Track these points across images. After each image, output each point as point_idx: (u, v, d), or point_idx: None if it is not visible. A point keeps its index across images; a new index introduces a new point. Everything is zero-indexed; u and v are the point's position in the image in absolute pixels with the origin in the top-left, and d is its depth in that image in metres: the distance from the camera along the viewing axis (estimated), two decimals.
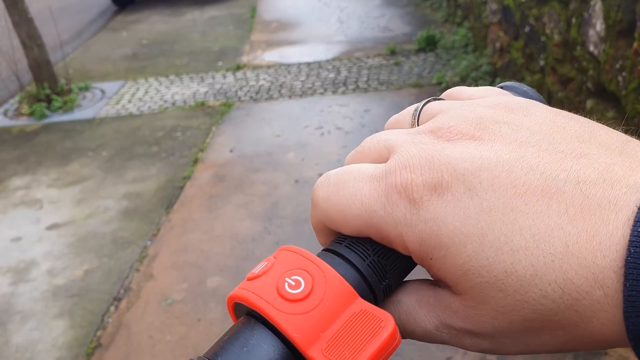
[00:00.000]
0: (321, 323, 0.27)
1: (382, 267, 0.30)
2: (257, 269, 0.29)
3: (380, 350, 0.26)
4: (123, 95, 4.61)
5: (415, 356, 1.98)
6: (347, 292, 0.28)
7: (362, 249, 0.30)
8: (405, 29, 5.41)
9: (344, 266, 0.30)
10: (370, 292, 0.30)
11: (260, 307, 0.27)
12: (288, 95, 4.26)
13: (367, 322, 0.27)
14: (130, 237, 2.77)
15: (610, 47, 2.27)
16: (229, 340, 0.28)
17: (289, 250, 0.30)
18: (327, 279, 0.28)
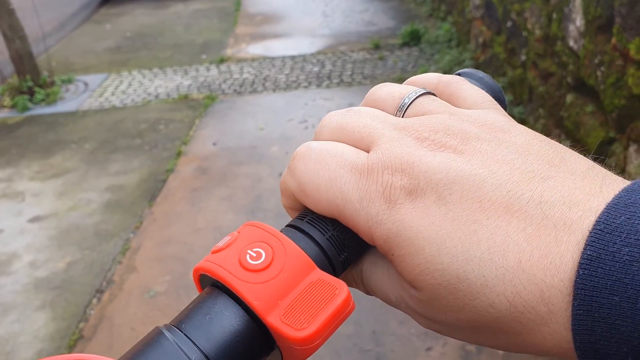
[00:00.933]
0: (280, 291, 0.29)
1: (341, 242, 0.32)
2: (221, 243, 0.31)
3: (334, 315, 0.28)
4: (106, 88, 4.59)
5: (395, 346, 2.00)
6: (305, 263, 0.30)
7: (323, 224, 0.32)
8: (389, 24, 5.43)
9: (304, 240, 0.32)
10: (329, 264, 0.32)
11: (223, 276, 0.29)
12: (272, 88, 4.27)
13: (323, 290, 0.29)
14: (113, 230, 2.77)
15: (589, 43, 2.30)
16: (193, 309, 0.29)
17: (253, 225, 0.32)
18: (287, 251, 0.30)
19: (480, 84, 0.38)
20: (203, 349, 0.28)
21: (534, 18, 2.88)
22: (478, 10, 3.88)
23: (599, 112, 2.30)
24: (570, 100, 2.51)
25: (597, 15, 2.22)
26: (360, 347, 2.01)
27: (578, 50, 2.42)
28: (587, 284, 0.23)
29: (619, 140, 2.15)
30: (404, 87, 0.34)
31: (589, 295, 0.23)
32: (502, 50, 3.42)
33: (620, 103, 2.08)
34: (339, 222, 0.32)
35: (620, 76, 2.07)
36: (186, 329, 0.28)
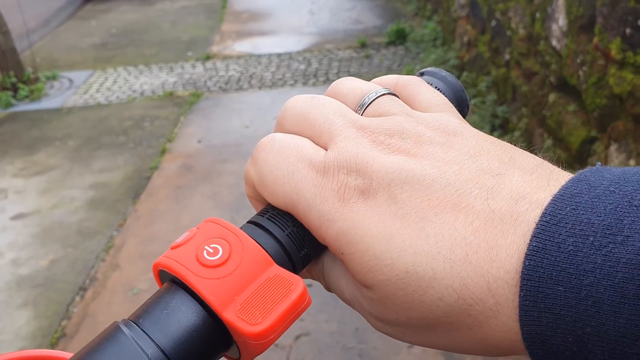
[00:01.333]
0: (236, 287, 0.29)
1: (301, 238, 0.32)
2: (180, 239, 0.32)
3: (289, 310, 0.29)
4: (91, 84, 4.56)
5: (378, 344, 2.01)
6: (262, 259, 0.30)
7: (283, 221, 0.32)
8: (375, 22, 5.44)
9: (264, 236, 0.32)
10: (289, 260, 0.32)
11: (180, 272, 0.29)
12: (258, 86, 4.26)
13: (279, 285, 0.30)
14: (97, 227, 2.76)
15: (571, 42, 2.32)
16: (151, 304, 0.30)
17: (212, 222, 0.32)
18: (245, 247, 0.31)
19: (442, 83, 0.39)
20: (159, 344, 0.28)
21: (518, 17, 2.91)
22: (463, 10, 3.90)
23: (581, 112, 2.32)
24: (552, 100, 2.53)
25: (579, 15, 2.24)
26: (343, 345, 2.02)
27: (561, 49, 2.44)
28: (533, 275, 0.24)
29: (600, 139, 2.17)
30: (366, 85, 0.35)
31: (534, 286, 0.24)
32: (487, 50, 3.44)
33: (602, 102, 2.10)
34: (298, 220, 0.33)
35: (602, 76, 2.09)
36: (143, 324, 0.29)
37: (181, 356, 0.28)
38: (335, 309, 2.16)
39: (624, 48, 1.92)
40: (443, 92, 0.38)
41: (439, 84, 0.39)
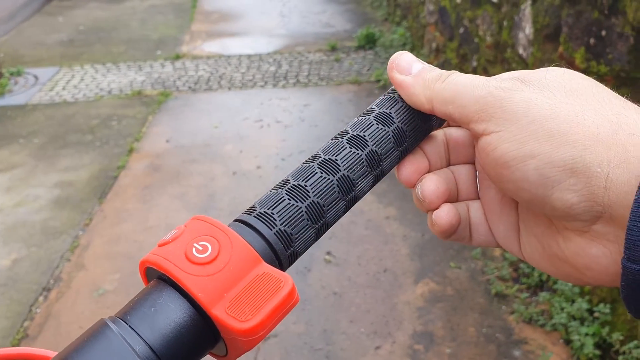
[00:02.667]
0: (225, 284, 0.30)
1: (288, 236, 0.33)
2: (168, 236, 0.32)
3: (278, 307, 0.30)
4: (57, 81, 4.49)
5: (345, 345, 2.03)
6: (251, 256, 0.31)
7: (269, 219, 0.33)
8: (345, 26, 5.47)
9: (251, 234, 0.33)
10: (276, 258, 0.33)
11: (168, 269, 0.30)
12: (228, 86, 4.24)
13: (268, 283, 0.30)
14: (62, 227, 2.71)
15: (537, 50, 2.38)
16: (139, 301, 0.30)
17: (200, 219, 0.32)
18: (233, 245, 0.31)
19: None
20: (147, 341, 0.28)
21: (486, 25, 2.96)
22: (432, 16, 3.95)
23: None
24: None
25: (545, 24, 2.30)
26: (310, 346, 2.03)
27: (527, 57, 2.49)
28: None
29: None
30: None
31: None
32: (454, 56, 3.49)
33: None
34: (288, 213, 0.34)
35: None
36: (131, 320, 0.29)
37: (169, 353, 0.29)
38: (303, 310, 2.17)
39: (588, 57, 1.97)
40: None
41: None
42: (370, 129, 0.38)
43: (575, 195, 0.31)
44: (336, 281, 2.31)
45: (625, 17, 1.75)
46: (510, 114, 0.33)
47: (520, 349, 1.97)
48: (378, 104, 0.40)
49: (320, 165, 0.36)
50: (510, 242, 0.40)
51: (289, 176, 0.37)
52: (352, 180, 0.37)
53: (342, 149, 0.37)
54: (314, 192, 0.35)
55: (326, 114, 3.71)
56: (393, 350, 2.00)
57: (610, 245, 0.32)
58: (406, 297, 2.22)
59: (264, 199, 0.35)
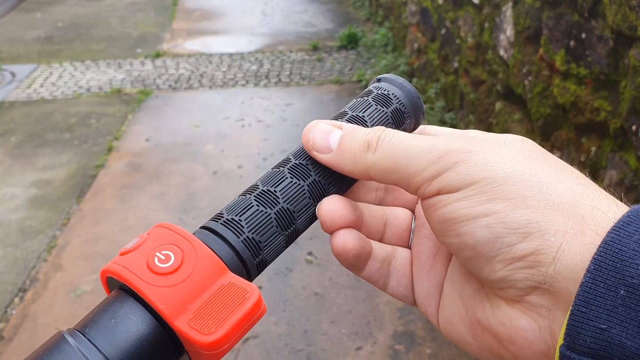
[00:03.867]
0: (189, 295, 0.29)
1: (257, 244, 0.32)
2: (130, 244, 0.31)
3: (243, 319, 0.28)
4: (35, 79, 4.42)
5: (326, 346, 2.02)
6: (216, 266, 0.30)
7: (237, 226, 0.32)
8: (328, 26, 5.47)
9: (218, 242, 0.32)
10: (243, 267, 0.32)
11: (129, 279, 0.29)
12: (209, 85, 4.22)
13: (234, 293, 0.29)
14: (39, 226, 2.67)
15: (518, 52, 2.39)
16: (98, 313, 0.29)
17: (163, 227, 0.31)
18: (197, 254, 0.30)
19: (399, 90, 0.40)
20: (107, 355, 0.27)
21: (467, 27, 2.97)
22: (414, 17, 3.96)
23: (526, 120, 2.39)
24: (499, 108, 2.60)
25: (526, 26, 2.31)
26: (291, 347, 2.02)
27: (508, 59, 2.51)
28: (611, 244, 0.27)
29: (544, 148, 2.23)
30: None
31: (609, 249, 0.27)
32: (436, 57, 3.50)
33: (546, 112, 2.17)
34: (256, 219, 0.33)
35: (547, 86, 2.16)
36: (90, 333, 0.28)
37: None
38: (284, 311, 2.16)
39: (568, 60, 1.99)
40: (400, 98, 0.39)
41: (396, 91, 0.40)
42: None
43: (521, 261, 0.29)
44: (317, 282, 2.30)
45: (604, 20, 1.77)
46: (466, 177, 0.31)
47: None
48: (351, 107, 0.39)
49: (291, 170, 0.35)
50: (429, 302, 0.38)
51: (258, 181, 0.35)
52: (324, 185, 0.36)
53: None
54: (283, 198, 0.34)
55: (308, 114, 3.70)
56: (374, 351, 2.00)
57: (540, 320, 0.30)
58: (387, 297, 2.22)
59: (231, 205, 0.34)
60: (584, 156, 1.94)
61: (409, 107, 0.39)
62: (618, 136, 1.75)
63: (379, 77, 0.41)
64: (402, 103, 0.39)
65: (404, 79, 0.40)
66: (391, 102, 0.39)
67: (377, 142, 0.34)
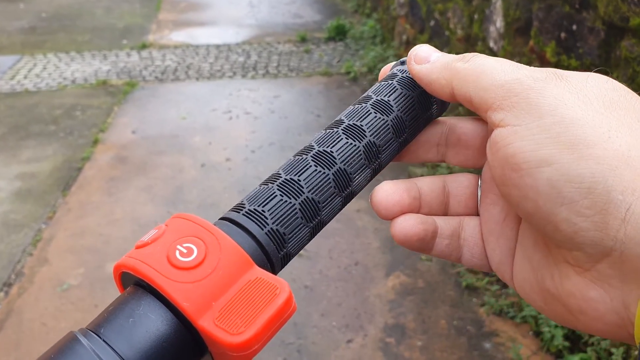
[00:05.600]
0: (214, 291, 0.26)
1: (281, 236, 0.30)
2: (147, 237, 0.28)
3: (274, 317, 0.26)
4: (19, 70, 4.35)
5: (317, 339, 2.01)
6: (242, 260, 0.28)
7: (260, 217, 0.30)
8: (315, 17, 5.43)
9: (241, 234, 0.29)
10: (267, 261, 0.30)
11: (148, 274, 0.26)
12: (196, 77, 4.17)
13: (262, 290, 0.27)
14: (24, 220, 2.63)
15: (508, 44, 2.38)
16: (114, 311, 0.26)
17: (183, 218, 0.29)
18: (222, 247, 0.28)
19: None
20: (124, 357, 0.25)
21: (456, 18, 2.96)
22: (402, 9, 3.94)
23: None
24: None
25: (516, 18, 2.30)
26: (281, 340, 2.00)
27: (498, 51, 2.50)
28: None
29: None
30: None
31: None
32: None
33: None
34: (280, 210, 0.31)
35: None
36: (105, 333, 0.25)
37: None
38: None
39: (559, 52, 1.98)
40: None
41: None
42: (368, 117, 0.35)
43: (586, 220, 0.27)
44: (307, 274, 2.29)
45: (596, 12, 1.76)
46: (534, 108, 0.29)
47: (491, 341, 1.98)
48: (375, 91, 0.37)
49: (314, 157, 0.33)
50: (504, 269, 0.36)
51: (280, 170, 0.33)
52: (349, 174, 0.34)
53: (337, 140, 0.34)
54: (308, 188, 0.32)
55: (296, 106, 3.67)
56: (365, 344, 1.99)
57: (612, 291, 0.27)
58: (377, 290, 2.21)
59: (253, 195, 0.32)
60: None
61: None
62: None
63: (402, 60, 0.39)
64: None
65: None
66: (417, 85, 0.37)
67: (471, 57, 0.34)
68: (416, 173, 2.86)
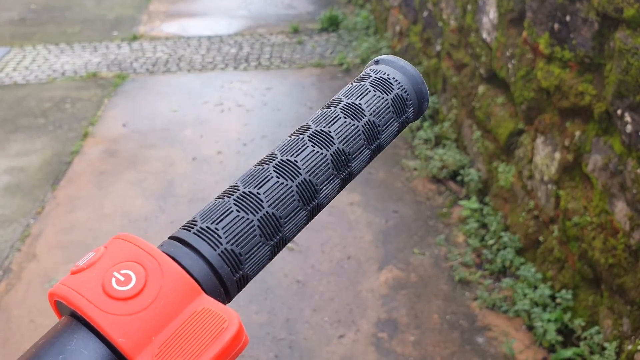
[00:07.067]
0: (154, 325, 0.24)
1: (237, 257, 0.27)
2: (83, 261, 0.26)
3: (221, 354, 0.24)
4: (7, 62, 4.30)
5: (308, 334, 1.99)
6: (188, 287, 0.25)
7: (213, 236, 0.27)
8: (308, 8, 5.39)
9: (190, 256, 0.27)
10: (221, 285, 0.27)
11: (80, 306, 0.24)
12: (187, 69, 4.13)
13: (209, 322, 0.24)
14: (12, 215, 2.60)
15: (501, 35, 2.36)
16: (44, 346, 0.24)
17: (124, 239, 0.26)
18: (164, 273, 0.25)
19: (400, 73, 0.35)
20: None
21: (450, 9, 2.93)
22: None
23: (509, 104, 2.36)
24: (482, 92, 2.57)
25: (509, 8, 2.27)
26: (273, 336, 1.98)
27: (491, 42, 2.47)
28: None
29: (527, 132, 2.21)
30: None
31: None
32: (418, 40, 3.46)
33: (530, 96, 2.14)
34: (236, 227, 0.28)
35: (530, 69, 2.13)
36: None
37: None
38: (265, 300, 2.12)
39: (552, 43, 1.95)
40: (401, 83, 0.35)
41: (397, 75, 0.35)
42: (337, 123, 0.33)
43: None
44: (299, 269, 2.27)
45: (589, 2, 1.73)
46: None
47: (484, 336, 1.97)
48: (346, 94, 0.34)
49: (276, 167, 0.31)
50: None
51: (238, 181, 0.30)
52: (315, 185, 0.31)
53: (303, 148, 0.31)
54: (268, 202, 0.29)
55: (289, 98, 3.64)
56: (357, 339, 1.97)
57: None
58: (370, 284, 2.20)
59: (206, 210, 0.29)
60: (568, 141, 1.91)
61: (411, 94, 0.35)
62: (603, 120, 1.73)
63: (377, 59, 0.37)
64: (404, 89, 0.35)
65: (406, 61, 0.36)
66: (392, 87, 0.34)
67: None
68: (409, 166, 2.84)
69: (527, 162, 2.21)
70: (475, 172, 2.57)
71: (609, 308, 1.71)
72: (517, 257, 2.19)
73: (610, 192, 1.69)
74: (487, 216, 2.41)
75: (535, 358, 1.86)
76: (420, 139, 2.99)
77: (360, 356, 1.91)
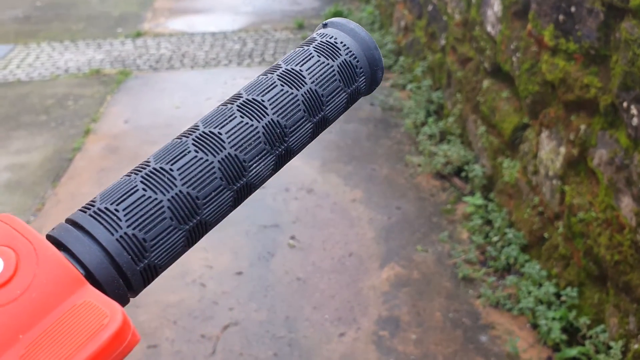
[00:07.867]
0: (22, 321, 0.20)
1: (140, 243, 0.23)
2: None
3: (100, 354, 0.20)
4: (11, 59, 4.29)
5: (309, 333, 1.96)
6: (68, 277, 0.21)
7: (111, 218, 0.23)
8: (313, 4, 5.35)
9: (81, 242, 0.23)
10: (120, 275, 0.23)
11: None
12: (190, 65, 4.11)
13: (88, 317, 0.21)
14: (12, 212, 2.57)
15: (506, 28, 2.31)
16: None
17: (1, 221, 0.23)
18: (40, 260, 0.22)
19: (350, 37, 0.31)
20: None
21: (454, 3, 2.88)
22: None
23: (513, 98, 2.32)
24: (486, 86, 2.52)
25: (514, 1, 2.23)
26: (272, 334, 1.95)
27: (495, 35, 2.43)
28: None
29: (532, 126, 2.17)
30: None
31: None
32: (423, 35, 3.42)
33: (534, 89, 2.10)
34: (143, 209, 0.24)
35: (535, 62, 2.09)
36: None
37: None
38: (265, 297, 2.09)
39: (557, 35, 1.91)
40: (350, 49, 0.31)
41: (346, 39, 0.31)
42: (272, 91, 0.29)
43: None
44: (300, 266, 2.23)
45: None
46: None
47: (487, 334, 1.93)
48: (286, 60, 0.31)
49: (196, 141, 0.27)
50: None
51: (150, 157, 0.26)
52: (242, 162, 0.27)
53: (230, 119, 0.27)
54: (183, 179, 0.25)
55: None
56: (358, 337, 1.94)
57: None
58: (371, 281, 2.16)
59: (109, 189, 0.25)
60: (573, 134, 1.87)
61: (362, 61, 0.31)
62: (608, 113, 1.68)
63: (325, 22, 0.33)
64: (353, 55, 0.31)
65: (357, 24, 0.32)
66: (339, 52, 0.31)
67: None
68: (413, 162, 2.80)
69: (532, 157, 2.16)
70: (480, 168, 2.52)
71: (615, 306, 1.67)
72: (521, 254, 2.15)
73: (616, 187, 1.64)
74: (491, 212, 2.37)
75: (539, 357, 1.82)
76: (425, 135, 2.95)
77: (360, 355, 1.88)
